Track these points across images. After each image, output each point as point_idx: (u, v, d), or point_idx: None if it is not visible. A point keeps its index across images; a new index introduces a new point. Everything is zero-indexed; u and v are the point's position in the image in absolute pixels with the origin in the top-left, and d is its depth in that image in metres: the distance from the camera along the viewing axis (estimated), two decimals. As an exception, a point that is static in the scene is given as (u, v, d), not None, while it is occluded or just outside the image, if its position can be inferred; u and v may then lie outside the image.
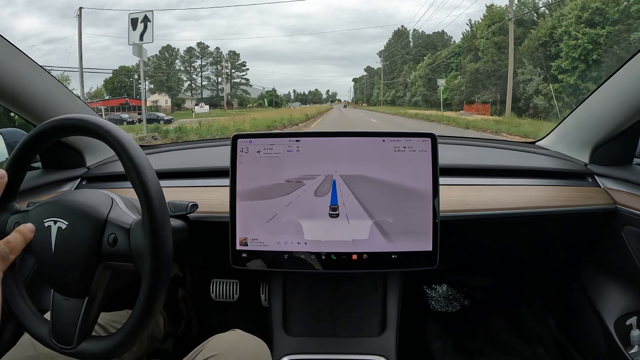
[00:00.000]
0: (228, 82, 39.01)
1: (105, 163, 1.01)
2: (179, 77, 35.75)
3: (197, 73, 37.95)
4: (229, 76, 39.35)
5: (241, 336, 0.66)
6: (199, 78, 38.00)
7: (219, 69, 38.95)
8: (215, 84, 38.82)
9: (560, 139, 1.03)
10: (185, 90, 36.65)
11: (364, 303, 0.86)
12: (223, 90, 38.46)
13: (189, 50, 37.95)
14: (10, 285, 0.56)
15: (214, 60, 38.86)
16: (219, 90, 38.73)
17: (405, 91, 37.06)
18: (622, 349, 0.82)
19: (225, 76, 38.76)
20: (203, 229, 0.77)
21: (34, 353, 0.61)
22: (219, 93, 38.64)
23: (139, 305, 0.50)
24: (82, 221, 0.53)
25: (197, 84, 37.90)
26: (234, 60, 40.48)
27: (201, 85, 38.06)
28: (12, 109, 0.81)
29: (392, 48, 43.94)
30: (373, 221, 0.70)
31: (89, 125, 0.53)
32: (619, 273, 0.88)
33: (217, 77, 38.74)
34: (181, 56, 37.20)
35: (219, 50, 39.36)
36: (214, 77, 38.83)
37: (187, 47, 38.11)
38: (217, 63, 38.96)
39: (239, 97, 40.52)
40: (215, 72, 38.85)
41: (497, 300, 1.27)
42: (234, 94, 40.07)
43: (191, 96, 36.50)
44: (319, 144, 0.71)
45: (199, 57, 38.11)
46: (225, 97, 38.01)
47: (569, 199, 0.83)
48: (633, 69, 0.77)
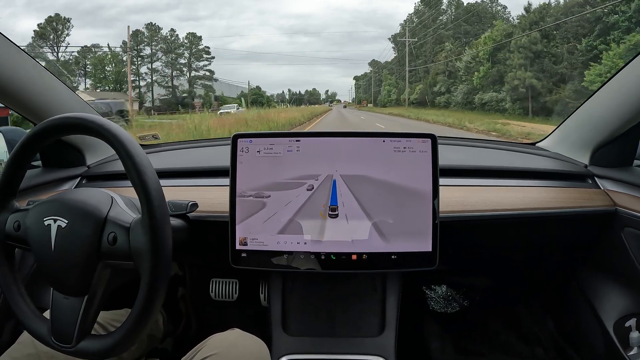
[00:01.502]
0: (188, 73, 29.08)
1: (106, 162, 1.01)
2: (117, 69, 26.65)
3: (146, 64, 28.38)
4: (189, 67, 29.13)
5: (240, 335, 0.66)
6: (152, 72, 28.24)
7: (173, 58, 28.97)
8: (171, 78, 29.20)
9: (561, 141, 1.03)
10: (139, 87, 28.08)
11: (363, 303, 0.86)
12: (182, 87, 29.35)
13: (136, 34, 27.90)
14: (9, 283, 0.56)
15: (168, 47, 29.01)
16: (176, 87, 29.13)
17: (452, 84, 24.10)
18: (621, 351, 0.82)
19: (185, 67, 28.33)
20: (203, 229, 0.77)
21: (33, 351, 0.61)
22: (175, 92, 29.27)
23: (139, 304, 0.50)
24: (82, 220, 0.53)
25: (147, 80, 28.52)
26: (193, 44, 29.79)
27: (152, 81, 28.33)
28: (12, 107, 0.81)
29: (421, 20, 30.20)
30: (373, 221, 0.70)
31: (88, 124, 0.53)
32: (618, 274, 0.88)
33: (169, 69, 28.82)
34: (124, 44, 27.40)
35: (174, 33, 29.41)
36: (167, 69, 29.11)
37: (134, 31, 27.95)
38: (171, 51, 28.95)
39: (204, 97, 29.96)
40: (168, 63, 29.05)
41: (496, 301, 1.27)
42: (190, 91, 29.89)
43: (138, 98, 27.34)
44: (319, 144, 0.71)
45: (148, 44, 28.57)
46: (175, 97, 28.54)
47: (569, 201, 0.83)
48: (633, 71, 0.77)
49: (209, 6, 33.51)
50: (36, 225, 0.54)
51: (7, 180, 0.57)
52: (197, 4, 35.46)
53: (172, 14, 36.00)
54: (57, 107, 0.85)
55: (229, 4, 35.93)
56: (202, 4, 36.96)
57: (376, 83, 42.05)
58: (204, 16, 36.57)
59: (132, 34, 27.22)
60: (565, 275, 1.03)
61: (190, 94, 29.53)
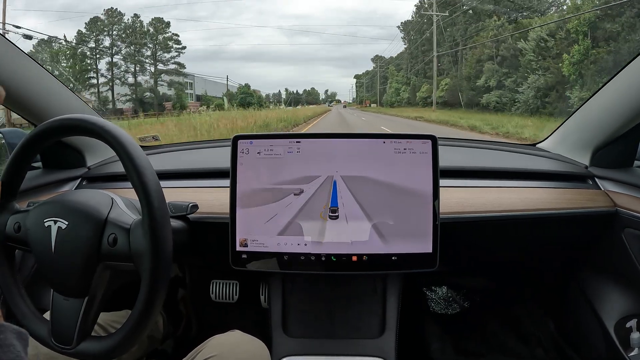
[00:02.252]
0: (153, 67, 21.77)
1: (106, 163, 1.01)
2: (74, 64, 20.54)
3: (105, 56, 21.35)
4: (155, 59, 21.89)
5: (240, 337, 0.66)
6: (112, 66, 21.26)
7: (135, 49, 21.63)
8: (135, 74, 21.91)
9: (561, 141, 1.03)
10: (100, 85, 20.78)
11: (363, 304, 0.86)
12: (149, 85, 21.98)
13: (94, 22, 20.93)
14: (10, 284, 0.56)
15: (127, 36, 21.72)
16: (140, 84, 21.96)
17: (507, 75, 15.05)
18: (621, 352, 0.82)
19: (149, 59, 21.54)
20: (203, 230, 0.77)
21: (33, 352, 0.61)
22: (137, 90, 21.84)
23: (139, 306, 0.50)
24: (82, 221, 0.53)
25: (107, 76, 21.33)
26: (159, 31, 22.30)
27: (112, 77, 21.31)
28: (12, 108, 0.81)
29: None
30: (373, 223, 0.70)
31: (89, 125, 0.53)
32: (619, 275, 0.87)
33: (134, 63, 21.78)
34: (79, 34, 20.53)
35: (137, 19, 21.78)
36: (132, 64, 21.77)
37: (92, 18, 20.84)
38: (135, 42, 21.75)
39: (175, 97, 22.74)
40: (128, 55, 21.81)
41: (497, 302, 1.27)
42: (152, 88, 22.15)
43: (97, 99, 20.68)
44: (320, 145, 0.71)
45: (107, 33, 21.43)
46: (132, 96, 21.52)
47: (569, 202, 0.83)
48: (634, 71, 0.77)
49: (208, 6, 33.06)
50: (36, 226, 0.54)
51: (8, 182, 0.57)
52: (196, 5, 34.64)
53: (171, 14, 35.66)
54: (58, 108, 0.85)
55: (229, 4, 35.69)
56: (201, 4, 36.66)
57: (380, 80, 35.16)
58: (203, 17, 36.23)
59: (90, 21, 20.67)
60: (566, 276, 1.03)
61: (153, 92, 22.31)
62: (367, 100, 38.82)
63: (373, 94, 37.93)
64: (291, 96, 39.79)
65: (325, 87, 58.15)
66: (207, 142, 1.26)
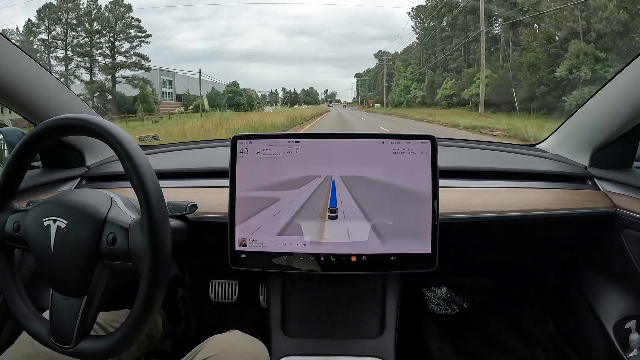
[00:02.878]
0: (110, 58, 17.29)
1: (105, 163, 1.01)
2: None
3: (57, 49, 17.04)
4: (112, 49, 17.38)
5: (240, 337, 0.66)
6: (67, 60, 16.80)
7: (89, 40, 17.43)
8: (90, 69, 17.28)
9: (560, 142, 1.03)
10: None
11: (362, 305, 0.86)
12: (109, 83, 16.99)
13: (45, 9, 16.78)
14: (9, 284, 0.56)
15: (79, 22, 17.24)
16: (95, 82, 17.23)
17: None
18: (620, 353, 0.82)
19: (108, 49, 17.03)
20: (202, 230, 0.77)
21: (32, 351, 0.61)
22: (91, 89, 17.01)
23: (138, 305, 0.50)
24: (81, 220, 0.53)
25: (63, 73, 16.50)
26: (117, 17, 17.82)
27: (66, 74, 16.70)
28: (12, 108, 0.81)
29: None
30: (372, 223, 0.70)
31: (88, 125, 0.53)
32: (618, 276, 0.88)
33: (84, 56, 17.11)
34: (28, 23, 16.60)
35: (95, 2, 17.39)
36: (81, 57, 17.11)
37: (44, 5, 16.92)
38: (86, 32, 17.33)
39: (141, 98, 18.00)
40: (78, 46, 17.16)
41: (496, 302, 1.27)
42: (102, 85, 17.51)
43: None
44: (319, 145, 0.71)
45: (64, 21, 17.00)
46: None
47: (568, 202, 0.83)
48: (633, 72, 0.77)
49: (208, 7, 32.90)
50: (36, 225, 0.54)
51: (7, 181, 0.57)
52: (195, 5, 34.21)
53: (171, 14, 35.61)
54: (57, 107, 0.85)
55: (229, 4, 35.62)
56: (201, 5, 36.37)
57: (385, 78, 29.73)
58: (203, 17, 36.26)
59: (41, 8, 16.73)
60: (565, 276, 1.03)
61: (109, 92, 17.94)
62: (371, 99, 34.20)
63: (376, 93, 33.51)
64: (288, 96, 37.16)
65: (325, 87, 57.49)
66: (206, 142, 1.26)
